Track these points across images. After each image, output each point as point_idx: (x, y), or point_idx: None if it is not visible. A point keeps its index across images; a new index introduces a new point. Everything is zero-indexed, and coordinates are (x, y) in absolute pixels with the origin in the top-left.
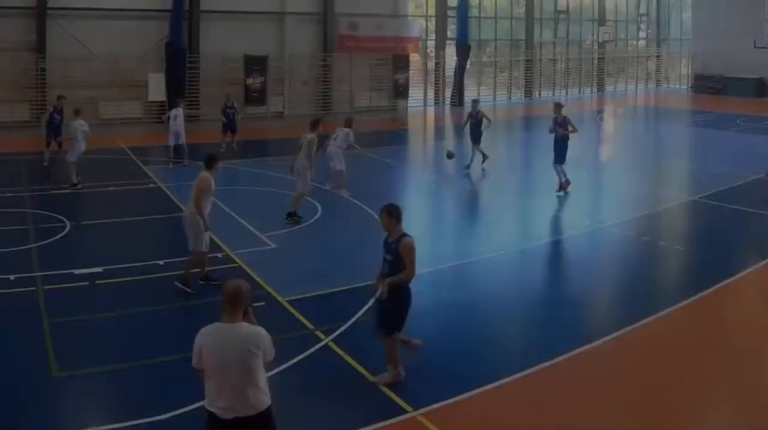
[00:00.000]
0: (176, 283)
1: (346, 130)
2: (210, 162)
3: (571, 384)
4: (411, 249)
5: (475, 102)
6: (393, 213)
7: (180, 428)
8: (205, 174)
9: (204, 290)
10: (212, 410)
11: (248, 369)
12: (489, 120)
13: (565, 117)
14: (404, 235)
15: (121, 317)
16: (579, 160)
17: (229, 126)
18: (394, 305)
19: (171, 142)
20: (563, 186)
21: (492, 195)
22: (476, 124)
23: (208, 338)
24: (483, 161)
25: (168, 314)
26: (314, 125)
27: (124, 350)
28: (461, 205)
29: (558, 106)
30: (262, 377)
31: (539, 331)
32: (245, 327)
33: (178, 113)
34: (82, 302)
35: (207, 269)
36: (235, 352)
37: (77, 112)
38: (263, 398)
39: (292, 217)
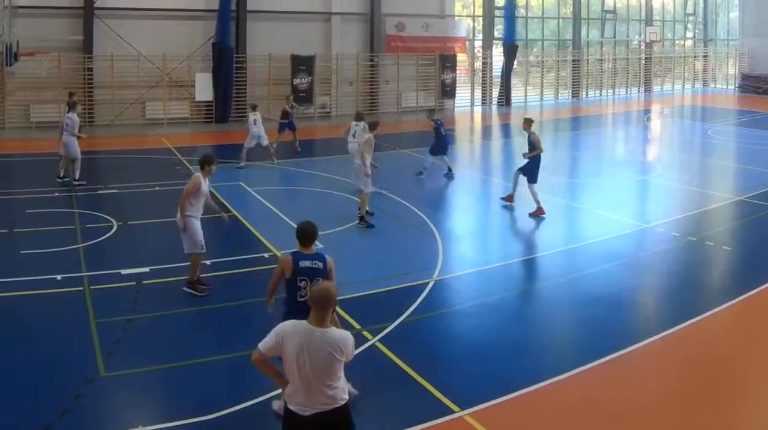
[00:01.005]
0: (185, 289)
1: (362, 124)
2: (203, 163)
3: (617, 385)
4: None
5: (431, 111)
6: None
7: (226, 428)
8: (196, 175)
9: (248, 290)
10: (292, 407)
11: (331, 373)
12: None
13: (530, 135)
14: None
15: (167, 317)
16: (626, 160)
17: (289, 125)
18: None
19: (251, 145)
20: (509, 198)
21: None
22: (438, 134)
23: (296, 336)
24: (447, 173)
25: (214, 314)
26: (373, 126)
27: (171, 350)
28: (506, 205)
29: (527, 122)
30: (342, 376)
31: (586, 331)
32: (334, 332)
33: (257, 117)
34: (128, 302)
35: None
36: (323, 355)
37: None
38: (342, 395)
39: (364, 220)
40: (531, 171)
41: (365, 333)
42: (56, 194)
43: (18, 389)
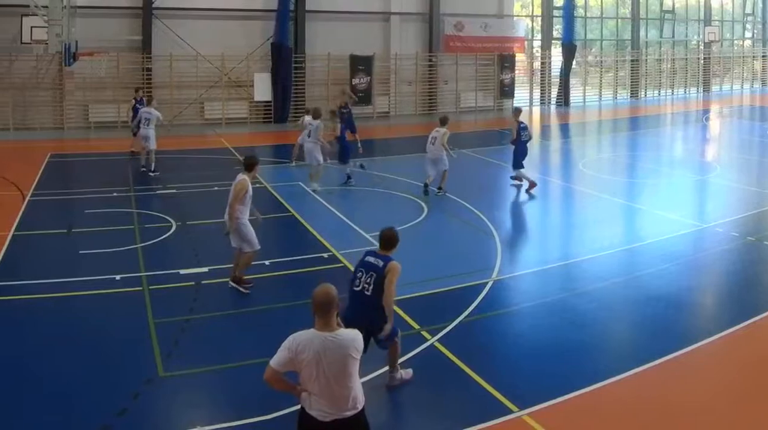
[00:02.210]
0: (231, 284)
1: (317, 122)
2: (251, 165)
3: (676, 385)
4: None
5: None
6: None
7: (283, 428)
8: (243, 178)
9: (307, 290)
10: (312, 413)
11: (348, 374)
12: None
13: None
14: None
15: (225, 318)
16: (685, 160)
17: (349, 126)
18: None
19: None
20: (531, 185)
21: (596, 195)
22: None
23: (310, 346)
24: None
25: (273, 313)
26: (443, 121)
27: (229, 350)
28: (564, 205)
29: (516, 112)
30: (358, 378)
31: (644, 331)
32: (345, 333)
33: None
34: (187, 302)
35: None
36: (338, 358)
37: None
38: (360, 398)
39: (441, 189)
40: (516, 158)
41: (424, 333)
42: (115, 194)
43: (78, 389)
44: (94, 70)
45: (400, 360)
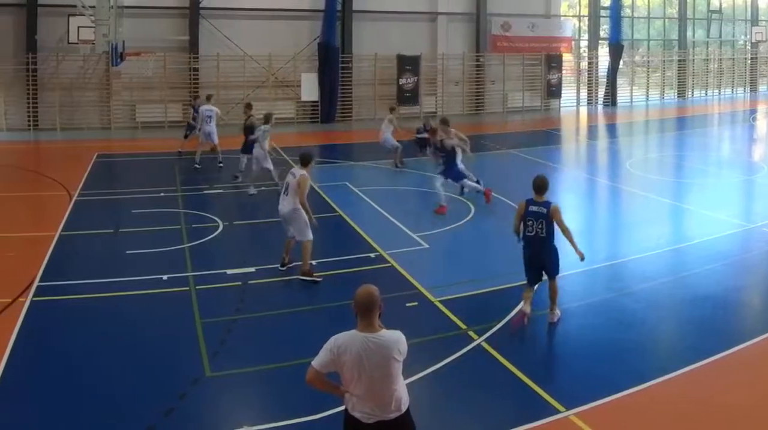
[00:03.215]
0: (301, 278)
1: (265, 126)
2: (309, 160)
3: (723, 386)
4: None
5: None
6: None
7: (329, 428)
8: (304, 173)
9: (354, 290)
10: (355, 415)
11: (391, 375)
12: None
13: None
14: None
15: (272, 317)
16: (732, 160)
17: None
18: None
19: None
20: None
21: (643, 195)
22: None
23: (352, 347)
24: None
25: (320, 313)
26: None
27: (276, 350)
28: (611, 205)
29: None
30: (402, 380)
31: (691, 331)
32: (387, 334)
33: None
34: (234, 302)
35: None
36: (381, 360)
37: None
38: (404, 400)
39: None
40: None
41: (471, 333)
42: (162, 194)
43: (125, 389)
44: (141, 70)
45: (451, 358)
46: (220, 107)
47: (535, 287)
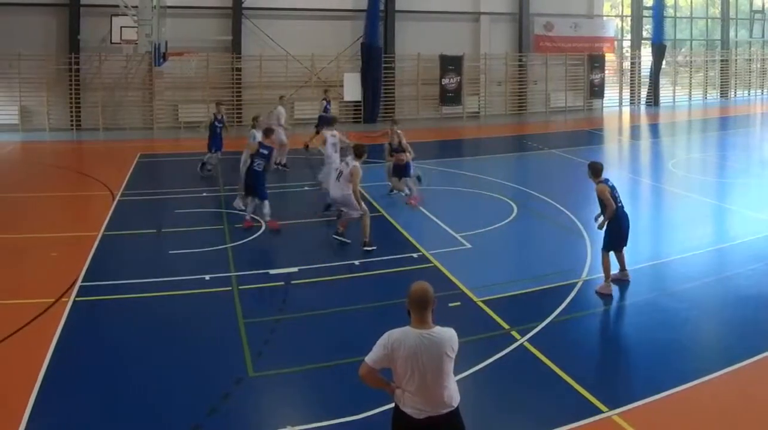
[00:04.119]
0: (364, 248)
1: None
2: (363, 152)
3: (766, 386)
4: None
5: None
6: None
7: (374, 428)
8: (356, 164)
9: (397, 290)
10: (406, 410)
11: (443, 372)
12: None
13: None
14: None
15: (315, 318)
16: None
17: None
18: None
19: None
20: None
21: (685, 195)
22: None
23: (406, 343)
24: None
25: (362, 314)
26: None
27: (319, 350)
28: (654, 205)
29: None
30: (453, 377)
31: (734, 331)
32: (441, 331)
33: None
34: (277, 302)
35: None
36: (435, 356)
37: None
38: (455, 397)
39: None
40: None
41: (514, 333)
42: (204, 194)
43: (168, 388)
44: (183, 70)
45: (494, 358)
46: (262, 108)
47: None
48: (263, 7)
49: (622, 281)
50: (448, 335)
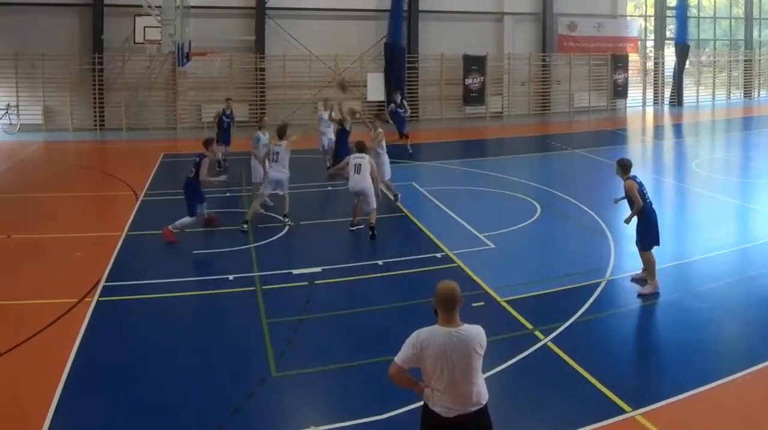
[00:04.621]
0: (371, 234)
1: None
2: (362, 148)
3: None
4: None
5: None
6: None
7: (397, 428)
8: (367, 156)
9: (421, 290)
10: (435, 409)
11: (472, 369)
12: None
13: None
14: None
15: (339, 317)
16: None
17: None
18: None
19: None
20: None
21: (709, 195)
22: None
23: (435, 342)
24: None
25: (385, 314)
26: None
27: (342, 350)
28: (677, 205)
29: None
30: (481, 374)
31: (758, 332)
32: (469, 328)
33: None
34: (300, 302)
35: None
36: (463, 354)
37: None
38: (483, 394)
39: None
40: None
41: (537, 333)
42: (228, 194)
43: (192, 388)
44: (207, 71)
45: (517, 358)
46: (286, 108)
47: None
48: (287, 7)
49: (643, 280)
50: (476, 332)
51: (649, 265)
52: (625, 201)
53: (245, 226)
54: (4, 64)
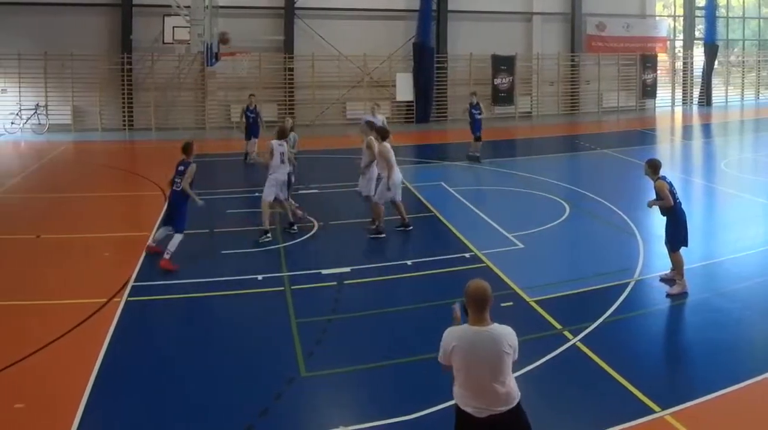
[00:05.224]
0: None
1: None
2: (385, 135)
3: None
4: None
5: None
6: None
7: (426, 428)
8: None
9: (450, 290)
10: (467, 410)
11: (502, 369)
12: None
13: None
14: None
15: (368, 317)
16: None
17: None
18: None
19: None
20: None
21: (738, 194)
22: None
23: (462, 341)
24: None
25: (414, 314)
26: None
27: (371, 350)
28: (706, 205)
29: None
30: (511, 374)
31: None
32: (497, 328)
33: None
34: (329, 302)
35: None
36: (491, 354)
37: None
38: (514, 394)
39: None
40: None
41: (566, 333)
42: (256, 194)
43: (220, 388)
44: (235, 70)
45: (546, 358)
46: (315, 108)
47: None
48: (315, 7)
49: (672, 280)
50: (506, 332)
51: (677, 265)
52: (657, 207)
53: (294, 228)
54: (33, 64)
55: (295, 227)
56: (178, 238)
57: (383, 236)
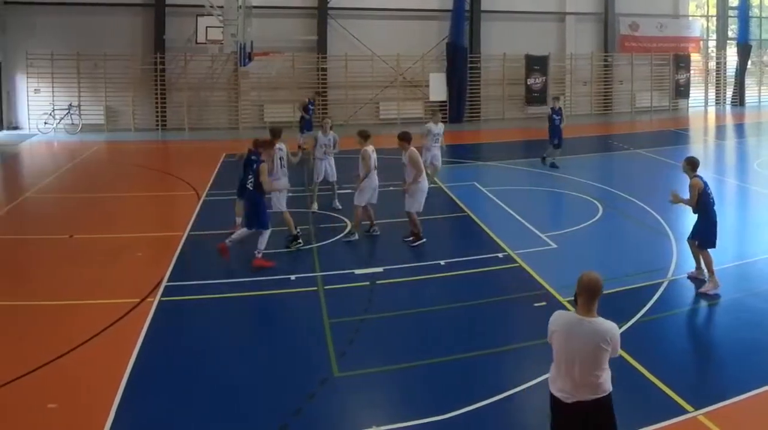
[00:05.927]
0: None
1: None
2: (407, 139)
3: None
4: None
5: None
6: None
7: (459, 427)
8: (413, 149)
9: (483, 290)
10: (556, 394)
11: (595, 362)
12: None
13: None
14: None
15: (401, 317)
16: None
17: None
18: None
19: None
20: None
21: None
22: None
23: (564, 326)
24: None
25: (447, 314)
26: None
27: (404, 350)
28: (739, 205)
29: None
30: (607, 368)
31: None
32: (601, 322)
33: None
34: (362, 302)
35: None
36: (588, 346)
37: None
38: (606, 386)
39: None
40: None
41: None
42: (290, 194)
43: (254, 388)
44: (269, 70)
45: None
46: (348, 108)
47: None
48: (348, 7)
49: (699, 279)
50: (607, 327)
51: (707, 263)
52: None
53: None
54: (66, 64)
55: (300, 241)
56: (265, 235)
57: (424, 240)
